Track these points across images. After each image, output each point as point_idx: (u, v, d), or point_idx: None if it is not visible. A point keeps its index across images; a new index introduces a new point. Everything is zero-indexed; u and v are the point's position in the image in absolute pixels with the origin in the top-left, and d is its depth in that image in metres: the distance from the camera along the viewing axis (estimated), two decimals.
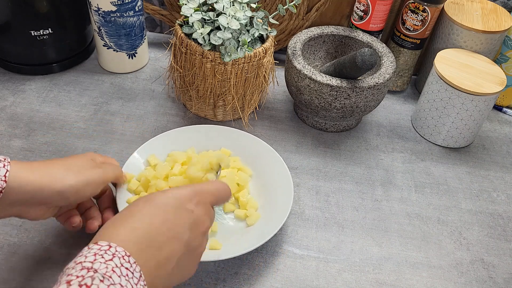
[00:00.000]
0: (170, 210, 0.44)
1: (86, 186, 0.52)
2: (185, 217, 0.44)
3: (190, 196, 0.45)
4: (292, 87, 0.77)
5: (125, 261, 0.38)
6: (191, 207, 0.45)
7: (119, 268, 0.37)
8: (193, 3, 0.69)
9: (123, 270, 0.37)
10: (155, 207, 0.43)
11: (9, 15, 0.77)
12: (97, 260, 0.37)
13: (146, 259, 0.40)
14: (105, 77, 0.86)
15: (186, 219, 0.44)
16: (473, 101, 0.75)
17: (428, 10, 0.80)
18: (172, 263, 0.42)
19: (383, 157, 0.78)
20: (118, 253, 0.38)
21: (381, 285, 0.61)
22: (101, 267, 0.36)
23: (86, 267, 0.36)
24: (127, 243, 0.39)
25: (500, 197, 0.74)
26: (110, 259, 0.37)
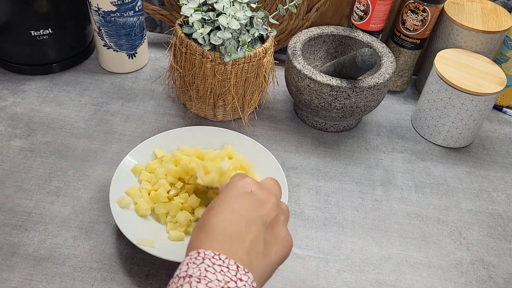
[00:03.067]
0: (233, 200, 0.46)
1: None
2: (248, 200, 0.46)
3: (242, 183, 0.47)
4: (292, 87, 0.77)
5: (216, 259, 0.40)
6: (249, 189, 0.47)
7: (211, 267, 0.39)
8: (193, 3, 0.69)
9: (216, 267, 0.40)
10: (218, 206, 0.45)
11: (9, 15, 0.77)
12: (190, 267, 0.40)
13: (236, 252, 0.42)
14: (105, 77, 0.86)
15: (250, 202, 0.46)
16: (473, 101, 0.75)
17: (428, 10, 0.80)
18: (260, 244, 0.44)
19: (383, 157, 0.78)
20: (207, 255, 0.40)
21: (381, 285, 0.61)
22: (194, 271, 0.39)
23: (182, 276, 0.39)
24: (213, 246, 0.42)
25: (500, 197, 0.74)
26: (201, 262, 0.40)
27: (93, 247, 0.60)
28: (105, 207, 0.65)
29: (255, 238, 0.44)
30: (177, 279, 0.39)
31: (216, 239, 0.42)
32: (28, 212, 0.63)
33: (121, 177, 0.63)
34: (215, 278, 0.39)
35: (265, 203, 0.46)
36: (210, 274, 0.39)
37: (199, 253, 0.41)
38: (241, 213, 0.44)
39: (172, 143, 0.69)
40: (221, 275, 0.39)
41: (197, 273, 0.39)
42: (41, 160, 0.70)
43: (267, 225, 0.45)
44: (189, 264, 0.40)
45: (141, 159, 0.67)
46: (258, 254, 0.43)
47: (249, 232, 0.44)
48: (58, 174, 0.69)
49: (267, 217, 0.46)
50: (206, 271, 0.39)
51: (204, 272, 0.39)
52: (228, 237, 0.43)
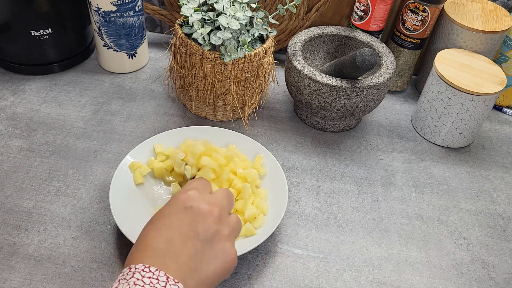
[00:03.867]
0: (171, 216, 0.45)
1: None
2: (187, 216, 0.45)
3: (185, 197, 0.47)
4: (292, 87, 0.77)
5: (146, 272, 0.40)
6: (189, 204, 0.46)
7: (140, 280, 0.39)
8: (193, 3, 0.69)
9: (145, 280, 0.39)
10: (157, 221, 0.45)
11: (9, 15, 0.77)
12: (120, 283, 0.39)
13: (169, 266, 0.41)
14: (105, 77, 0.86)
15: (189, 217, 0.45)
16: (473, 101, 0.75)
17: (428, 10, 0.80)
18: (196, 260, 0.43)
19: (383, 157, 0.78)
20: (137, 269, 0.40)
21: (381, 285, 0.61)
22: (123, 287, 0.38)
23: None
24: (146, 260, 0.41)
25: (500, 197, 0.74)
26: (131, 277, 0.39)
27: (93, 247, 0.60)
28: (105, 207, 0.65)
29: (190, 254, 0.43)
30: None
31: (150, 255, 0.42)
32: (28, 212, 0.63)
33: (121, 177, 0.63)
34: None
35: (205, 218, 0.45)
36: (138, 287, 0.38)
37: (130, 268, 0.40)
38: (178, 229, 0.44)
39: (172, 143, 0.69)
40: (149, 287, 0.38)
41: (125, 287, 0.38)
42: (41, 160, 0.70)
43: (206, 241, 0.45)
44: (120, 281, 0.40)
45: (141, 159, 0.67)
46: (191, 270, 0.42)
47: (185, 249, 0.43)
48: (58, 174, 0.69)
49: (206, 233, 0.45)
50: (135, 285, 0.38)
51: (133, 286, 0.38)
52: (161, 253, 0.42)
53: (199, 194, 0.47)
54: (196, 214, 0.45)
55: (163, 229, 0.44)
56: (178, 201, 0.46)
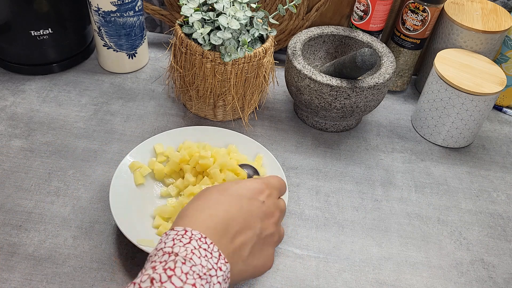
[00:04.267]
0: (244, 200, 0.46)
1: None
2: (258, 208, 0.46)
3: (262, 188, 0.47)
4: (292, 87, 0.77)
5: (202, 242, 0.40)
6: (263, 198, 0.47)
7: (197, 249, 0.39)
8: (193, 3, 0.69)
9: (201, 251, 0.39)
10: (230, 197, 0.45)
11: (9, 15, 0.77)
12: (176, 244, 0.39)
13: (222, 244, 0.42)
14: (105, 77, 0.86)
15: (259, 210, 0.46)
16: (473, 101, 0.75)
17: (428, 10, 0.80)
18: (246, 251, 0.44)
19: (383, 157, 0.78)
20: (195, 236, 0.40)
21: (381, 285, 0.61)
22: (181, 251, 0.38)
23: (167, 252, 0.38)
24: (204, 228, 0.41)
25: (500, 197, 0.74)
26: (188, 242, 0.39)
27: (93, 247, 0.60)
28: (105, 207, 0.65)
29: (245, 243, 0.44)
30: (161, 253, 0.39)
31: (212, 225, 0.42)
32: (28, 212, 0.63)
33: (121, 177, 0.63)
34: (199, 263, 0.38)
35: (270, 217, 0.47)
36: (195, 257, 0.39)
37: (186, 231, 0.40)
38: (246, 215, 0.44)
39: (172, 143, 0.69)
40: (205, 261, 0.39)
41: (183, 253, 0.38)
42: (41, 160, 0.70)
43: (261, 238, 0.46)
44: (175, 241, 0.39)
45: (141, 159, 0.67)
46: (240, 258, 0.43)
47: (243, 235, 0.44)
48: (58, 174, 0.69)
49: (265, 231, 0.46)
50: (192, 253, 0.39)
51: (190, 254, 0.38)
52: (221, 230, 0.42)
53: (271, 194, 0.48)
54: (264, 210, 0.46)
55: (232, 207, 0.44)
56: (255, 188, 0.47)
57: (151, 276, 0.37)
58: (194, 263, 0.38)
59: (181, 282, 0.36)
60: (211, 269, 0.39)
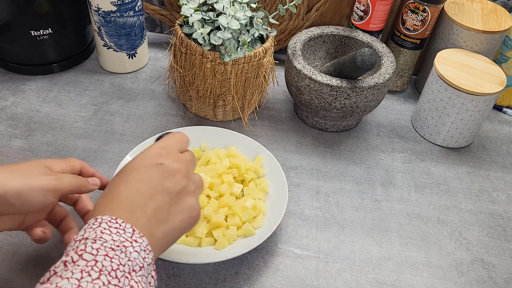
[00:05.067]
0: (141, 169, 0.46)
1: (31, 191, 0.48)
2: (157, 171, 0.46)
3: (156, 152, 0.48)
4: (292, 87, 0.77)
5: (113, 223, 0.41)
6: (160, 161, 0.47)
7: (108, 229, 0.40)
8: (193, 3, 0.69)
9: (112, 229, 0.40)
10: (127, 173, 0.46)
11: (9, 15, 0.77)
12: (87, 231, 0.40)
13: (136, 219, 0.43)
14: (105, 77, 0.86)
15: (159, 172, 0.46)
16: (473, 101, 0.75)
17: (428, 10, 0.80)
18: (163, 213, 0.45)
19: (383, 157, 0.78)
20: (104, 219, 0.41)
21: (381, 285, 0.61)
22: (90, 234, 0.40)
23: (78, 239, 0.40)
24: (115, 212, 0.43)
25: (500, 197, 0.74)
26: (98, 226, 0.41)
27: None
28: None
29: (158, 207, 0.44)
30: (73, 242, 0.40)
31: (118, 206, 0.43)
32: None
33: None
34: (110, 239, 0.39)
35: (174, 174, 0.47)
36: (105, 235, 0.39)
37: (97, 219, 0.41)
38: (148, 183, 0.45)
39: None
40: (116, 236, 0.40)
41: (92, 235, 0.40)
42: None
43: (173, 195, 0.46)
44: (86, 229, 0.41)
45: None
46: (159, 222, 0.44)
47: (153, 201, 0.44)
48: None
49: (174, 188, 0.46)
50: (102, 233, 0.40)
51: (100, 234, 0.40)
52: (130, 205, 0.43)
53: (169, 152, 0.48)
54: (166, 171, 0.46)
55: (132, 182, 0.45)
56: (148, 156, 0.47)
57: (63, 260, 0.38)
58: (104, 240, 0.39)
59: (92, 256, 0.38)
60: (125, 241, 0.40)
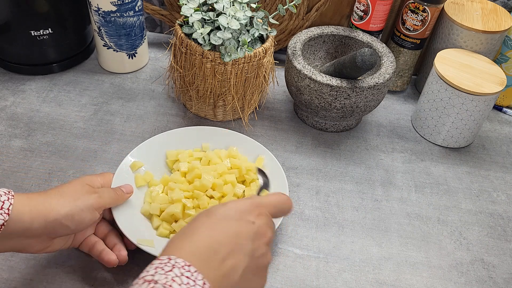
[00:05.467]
0: (232, 222, 0.44)
1: (81, 212, 0.51)
2: (247, 229, 0.44)
3: (251, 208, 0.45)
4: (292, 87, 0.77)
5: (185, 270, 0.38)
6: (252, 218, 0.45)
7: (179, 277, 0.38)
8: (193, 3, 0.69)
9: (183, 279, 0.38)
10: (215, 220, 0.44)
11: (9, 15, 0.77)
12: (158, 272, 0.38)
13: (210, 270, 0.40)
14: (105, 77, 0.86)
15: (248, 230, 0.44)
16: (473, 101, 0.75)
17: (428, 10, 0.80)
18: (237, 274, 0.42)
19: (383, 157, 0.78)
20: (178, 264, 0.39)
21: (381, 285, 0.61)
22: (161, 278, 0.37)
23: (148, 280, 0.37)
24: (189, 255, 0.40)
25: (500, 197, 0.74)
26: (170, 270, 0.38)
27: None
28: None
29: (235, 266, 0.42)
30: (142, 281, 0.38)
31: (195, 250, 0.41)
32: None
33: (121, 177, 0.63)
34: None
35: (261, 237, 0.45)
36: (175, 285, 0.37)
37: (170, 259, 0.39)
38: (234, 238, 0.43)
39: (172, 143, 0.69)
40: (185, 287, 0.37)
41: (163, 280, 0.37)
42: (41, 160, 0.70)
43: (253, 259, 0.44)
44: (157, 269, 0.38)
45: (141, 159, 0.67)
46: (231, 282, 0.42)
47: (233, 257, 0.42)
48: (58, 174, 0.69)
49: (256, 252, 0.44)
50: (173, 281, 0.37)
51: (170, 281, 0.37)
52: (208, 253, 0.41)
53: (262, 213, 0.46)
54: (255, 231, 0.44)
55: (219, 230, 0.43)
56: (241, 210, 0.45)
57: None
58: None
59: None
60: None
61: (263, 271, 0.46)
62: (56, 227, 0.50)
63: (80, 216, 0.51)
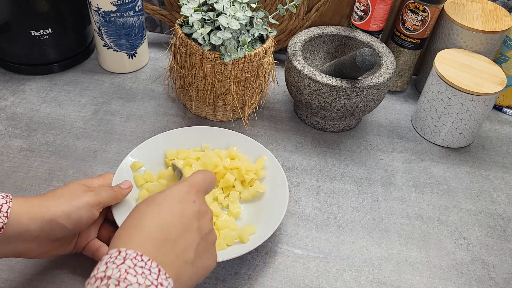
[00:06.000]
0: (175, 204, 0.44)
1: (78, 209, 0.51)
2: (190, 207, 0.44)
3: (189, 189, 0.46)
4: (292, 87, 0.77)
5: (138, 260, 0.38)
6: (192, 197, 0.45)
7: (132, 268, 0.37)
8: (193, 3, 0.69)
9: (137, 269, 0.37)
10: (157, 206, 0.44)
11: (9, 15, 0.77)
12: (109, 267, 0.37)
13: (164, 255, 0.40)
14: (105, 77, 0.86)
15: (192, 209, 0.44)
16: (473, 101, 0.75)
17: (428, 10, 0.80)
18: (191, 252, 0.42)
19: (383, 157, 0.78)
20: (129, 255, 0.38)
21: (381, 285, 0.61)
22: (114, 273, 0.36)
23: (100, 277, 0.36)
24: (139, 245, 0.40)
25: (500, 197, 0.74)
26: (122, 263, 0.37)
27: None
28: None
29: (188, 246, 0.42)
30: (93, 279, 0.37)
31: (144, 239, 0.40)
32: None
33: (121, 177, 0.63)
34: (135, 281, 0.36)
35: (205, 215, 0.45)
36: (130, 276, 0.36)
37: (120, 252, 0.38)
38: (180, 218, 0.43)
39: (172, 143, 0.69)
40: (142, 278, 0.37)
41: (116, 274, 0.36)
42: (41, 160, 0.70)
43: (203, 236, 0.44)
44: (108, 264, 0.37)
45: (141, 159, 0.67)
46: (187, 263, 0.42)
47: (184, 237, 0.42)
48: (58, 174, 0.69)
49: (205, 229, 0.45)
50: (126, 273, 0.36)
51: (124, 274, 0.36)
52: (158, 239, 0.40)
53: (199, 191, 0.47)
54: (198, 210, 0.45)
55: (163, 215, 0.43)
56: (179, 191, 0.45)
57: None
58: (129, 283, 0.36)
59: None
60: (150, 285, 0.37)
61: (212, 247, 0.46)
62: (53, 227, 0.49)
63: (77, 214, 0.51)
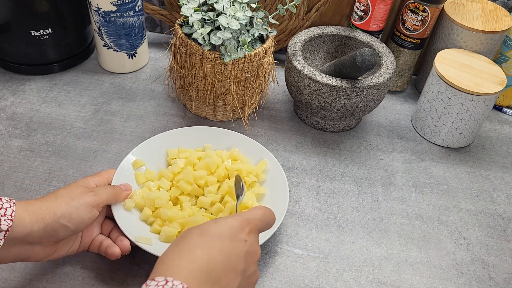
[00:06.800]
0: (225, 241, 0.44)
1: (78, 210, 0.52)
2: (240, 247, 0.45)
3: (242, 226, 0.46)
4: (292, 87, 0.77)
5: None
6: (244, 236, 0.45)
7: None
8: (193, 3, 0.69)
9: None
10: (209, 239, 0.44)
11: (9, 15, 0.77)
12: None
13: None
14: (105, 77, 0.86)
15: (241, 249, 0.44)
16: (473, 101, 0.75)
17: (428, 10, 0.80)
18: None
19: (383, 157, 0.78)
20: (175, 286, 0.38)
21: (381, 285, 0.61)
22: None
23: None
24: (186, 276, 0.40)
25: (500, 197, 0.74)
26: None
27: None
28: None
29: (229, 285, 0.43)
30: None
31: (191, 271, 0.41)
32: None
33: (123, 175, 0.63)
34: None
35: (253, 256, 0.46)
36: None
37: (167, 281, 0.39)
38: (229, 257, 0.43)
39: (172, 143, 0.69)
40: None
41: None
42: (41, 160, 0.70)
43: (245, 278, 0.44)
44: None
45: (142, 158, 0.67)
46: None
47: (227, 277, 0.43)
48: (58, 174, 0.69)
49: (248, 270, 0.45)
50: None
51: None
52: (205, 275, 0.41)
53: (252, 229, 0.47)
54: (247, 250, 0.45)
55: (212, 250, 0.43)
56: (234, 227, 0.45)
57: None
58: None
59: None
60: None
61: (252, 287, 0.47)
62: (55, 228, 0.50)
63: (78, 214, 0.52)
